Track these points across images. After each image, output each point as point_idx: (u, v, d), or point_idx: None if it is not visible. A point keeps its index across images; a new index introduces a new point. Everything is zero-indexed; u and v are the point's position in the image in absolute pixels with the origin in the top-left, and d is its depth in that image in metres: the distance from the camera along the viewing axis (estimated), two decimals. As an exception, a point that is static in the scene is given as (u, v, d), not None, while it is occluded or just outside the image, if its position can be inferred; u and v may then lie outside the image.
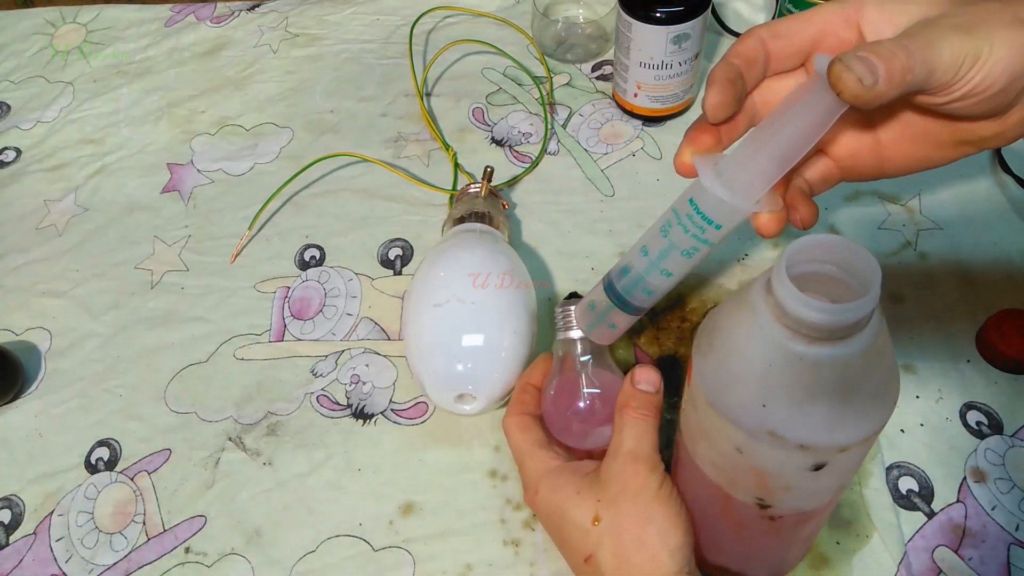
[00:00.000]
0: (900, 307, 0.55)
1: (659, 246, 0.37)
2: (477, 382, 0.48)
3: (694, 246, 0.36)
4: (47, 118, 0.76)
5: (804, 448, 0.31)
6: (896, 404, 0.32)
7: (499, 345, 0.48)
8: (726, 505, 0.37)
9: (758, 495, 0.35)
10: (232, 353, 0.58)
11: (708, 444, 0.35)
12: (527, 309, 0.50)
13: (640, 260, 0.38)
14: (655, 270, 0.38)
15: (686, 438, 0.38)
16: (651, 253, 0.38)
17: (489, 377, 0.48)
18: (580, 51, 0.74)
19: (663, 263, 0.37)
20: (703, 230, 0.35)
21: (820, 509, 0.37)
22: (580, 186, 0.65)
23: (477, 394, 0.48)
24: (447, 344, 0.48)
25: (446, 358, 0.48)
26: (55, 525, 0.52)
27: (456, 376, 0.48)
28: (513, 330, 0.49)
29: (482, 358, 0.48)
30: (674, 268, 0.38)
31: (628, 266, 0.39)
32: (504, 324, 0.49)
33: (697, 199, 0.35)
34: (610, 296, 0.41)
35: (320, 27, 0.81)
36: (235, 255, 0.63)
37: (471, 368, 0.48)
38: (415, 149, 0.69)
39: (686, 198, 0.35)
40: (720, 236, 0.35)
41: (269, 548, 0.49)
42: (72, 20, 0.85)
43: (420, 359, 0.49)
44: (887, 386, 0.32)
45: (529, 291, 0.52)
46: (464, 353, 0.48)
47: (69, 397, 0.57)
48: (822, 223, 0.60)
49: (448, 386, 0.48)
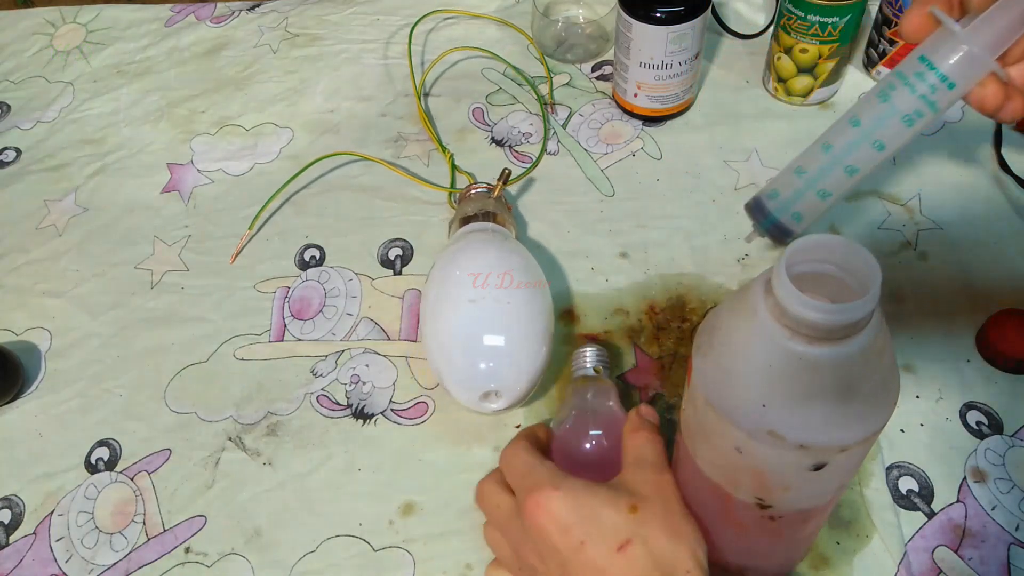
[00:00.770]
0: (900, 307, 0.55)
1: (873, 114, 0.36)
2: (502, 380, 0.48)
3: (918, 109, 0.35)
4: (47, 118, 0.76)
5: (804, 448, 0.31)
6: (896, 404, 0.32)
7: (522, 342, 0.48)
8: (726, 504, 0.37)
9: (758, 495, 0.35)
10: (232, 353, 0.58)
11: (708, 444, 0.35)
12: (545, 306, 0.51)
13: (821, 155, 0.38)
14: (862, 146, 0.37)
15: (686, 438, 0.38)
16: (842, 141, 0.38)
17: (513, 374, 0.48)
18: (580, 51, 0.74)
19: (872, 136, 0.37)
20: (934, 89, 0.34)
21: (820, 508, 0.37)
22: (580, 186, 0.65)
23: (502, 392, 0.48)
24: (471, 343, 0.48)
25: (470, 357, 0.48)
26: (55, 525, 0.51)
27: (480, 374, 0.48)
28: (534, 327, 0.49)
29: (506, 356, 0.48)
30: (889, 139, 0.37)
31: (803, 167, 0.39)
32: (526, 321, 0.49)
33: (931, 55, 0.34)
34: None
35: (320, 27, 0.81)
36: (235, 255, 0.63)
37: (495, 366, 0.48)
38: (415, 149, 0.69)
39: (915, 58, 0.35)
40: (949, 100, 0.34)
41: (269, 548, 0.49)
42: (72, 20, 0.85)
43: (443, 359, 0.49)
44: (887, 386, 0.32)
45: (545, 289, 0.52)
46: (488, 351, 0.48)
47: (69, 397, 0.57)
48: (822, 223, 0.60)
49: (473, 385, 0.48)
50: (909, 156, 0.63)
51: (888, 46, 0.65)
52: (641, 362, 0.54)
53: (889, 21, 0.64)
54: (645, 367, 0.54)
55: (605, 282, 0.58)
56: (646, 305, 0.57)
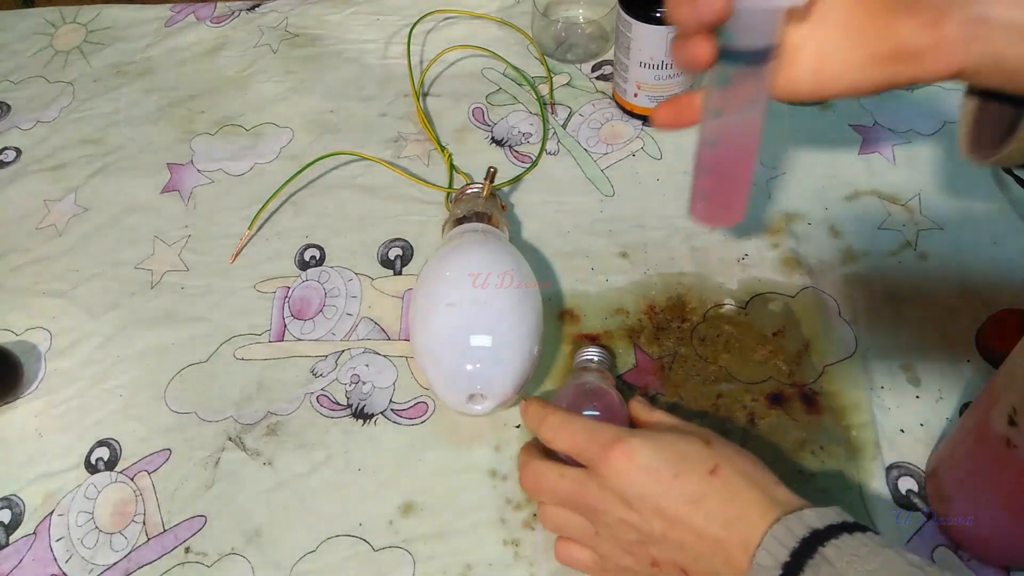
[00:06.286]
0: (900, 307, 0.55)
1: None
2: (488, 382, 0.48)
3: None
4: (47, 118, 0.76)
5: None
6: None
7: (509, 344, 0.48)
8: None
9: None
10: (232, 353, 0.58)
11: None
12: (534, 308, 0.51)
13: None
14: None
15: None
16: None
17: (500, 376, 0.48)
18: (580, 51, 0.74)
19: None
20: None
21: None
22: (580, 186, 0.65)
23: (488, 393, 0.48)
24: (457, 344, 0.48)
25: (456, 359, 0.48)
26: (55, 525, 0.51)
27: (467, 376, 0.48)
28: (522, 328, 0.49)
29: (492, 358, 0.48)
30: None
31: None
32: (513, 323, 0.49)
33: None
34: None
35: (320, 27, 0.81)
36: (235, 255, 0.63)
37: (481, 368, 0.48)
38: (415, 149, 0.69)
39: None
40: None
41: (269, 548, 0.49)
42: (72, 20, 0.85)
43: (429, 360, 0.49)
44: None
45: (534, 290, 0.52)
46: (474, 353, 0.48)
47: (69, 397, 0.57)
48: (823, 223, 0.60)
49: (459, 386, 0.48)
50: (909, 156, 0.63)
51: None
52: (641, 362, 0.54)
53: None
54: (645, 367, 0.54)
55: (605, 282, 0.59)
56: (646, 305, 0.57)
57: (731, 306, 0.56)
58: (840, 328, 0.54)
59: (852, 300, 0.56)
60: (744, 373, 0.53)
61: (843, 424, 0.50)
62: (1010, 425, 0.37)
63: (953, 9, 0.32)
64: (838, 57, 0.36)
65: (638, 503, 0.39)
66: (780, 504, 0.37)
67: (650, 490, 0.38)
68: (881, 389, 0.52)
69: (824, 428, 0.50)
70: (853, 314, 0.55)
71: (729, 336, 0.55)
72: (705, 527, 0.37)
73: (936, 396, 0.51)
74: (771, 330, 0.55)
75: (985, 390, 0.41)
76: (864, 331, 0.54)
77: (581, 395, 0.47)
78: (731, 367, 0.53)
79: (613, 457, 0.39)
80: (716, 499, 0.37)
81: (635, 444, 0.39)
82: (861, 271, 0.57)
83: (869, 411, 0.51)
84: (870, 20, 0.34)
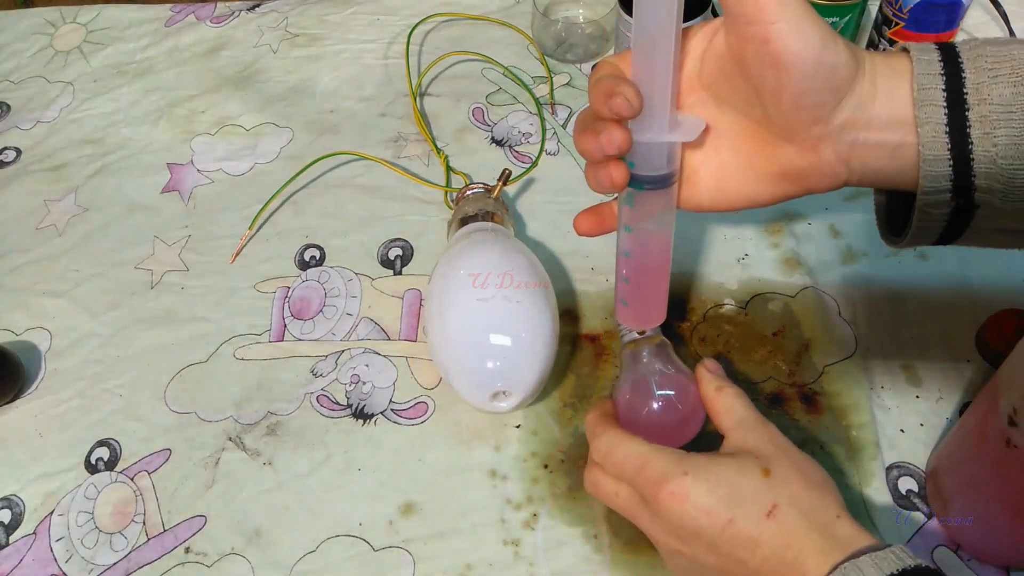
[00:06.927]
0: (900, 307, 0.55)
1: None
2: (511, 379, 0.48)
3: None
4: (47, 118, 0.76)
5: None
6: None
7: (530, 341, 0.48)
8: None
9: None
10: (232, 353, 0.58)
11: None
12: (550, 305, 0.51)
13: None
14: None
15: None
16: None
17: (523, 373, 0.48)
18: (580, 51, 0.74)
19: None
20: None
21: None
22: (580, 186, 0.65)
23: (510, 391, 0.48)
24: (478, 342, 0.48)
25: (478, 357, 0.48)
26: (55, 525, 0.52)
27: (489, 374, 0.48)
28: (542, 326, 0.49)
29: (514, 355, 0.48)
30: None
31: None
32: (534, 320, 0.49)
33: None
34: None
35: (320, 27, 0.81)
36: (235, 255, 0.63)
37: (503, 366, 0.48)
38: (415, 149, 0.69)
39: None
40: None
41: (269, 548, 0.49)
42: (72, 20, 0.85)
43: (451, 358, 0.49)
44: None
45: (550, 288, 0.52)
46: (496, 351, 0.48)
47: (69, 397, 0.57)
48: (823, 223, 0.60)
49: (482, 384, 0.48)
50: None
51: (888, 46, 0.65)
52: (641, 362, 0.54)
53: (889, 21, 0.64)
54: (645, 367, 0.54)
55: (605, 282, 0.59)
56: (646, 305, 0.57)
57: (731, 306, 0.56)
58: (840, 328, 0.54)
59: (852, 300, 0.56)
60: (744, 373, 0.53)
61: (843, 424, 0.50)
62: (1010, 425, 0.37)
63: (827, 137, 0.34)
64: (735, 177, 0.38)
65: (691, 540, 0.38)
66: (840, 545, 0.35)
67: (704, 532, 0.37)
68: (881, 389, 0.52)
69: (824, 428, 0.50)
70: (853, 314, 0.55)
71: (729, 336, 0.55)
72: (759, 569, 0.36)
73: (936, 396, 0.51)
74: (771, 330, 0.55)
75: (985, 390, 0.41)
76: (864, 331, 0.54)
77: (644, 384, 0.45)
78: (731, 367, 0.53)
79: (663, 498, 0.38)
80: (771, 545, 0.36)
81: (687, 485, 0.37)
82: (861, 271, 0.57)
83: (869, 411, 0.51)
84: (758, 147, 0.37)
